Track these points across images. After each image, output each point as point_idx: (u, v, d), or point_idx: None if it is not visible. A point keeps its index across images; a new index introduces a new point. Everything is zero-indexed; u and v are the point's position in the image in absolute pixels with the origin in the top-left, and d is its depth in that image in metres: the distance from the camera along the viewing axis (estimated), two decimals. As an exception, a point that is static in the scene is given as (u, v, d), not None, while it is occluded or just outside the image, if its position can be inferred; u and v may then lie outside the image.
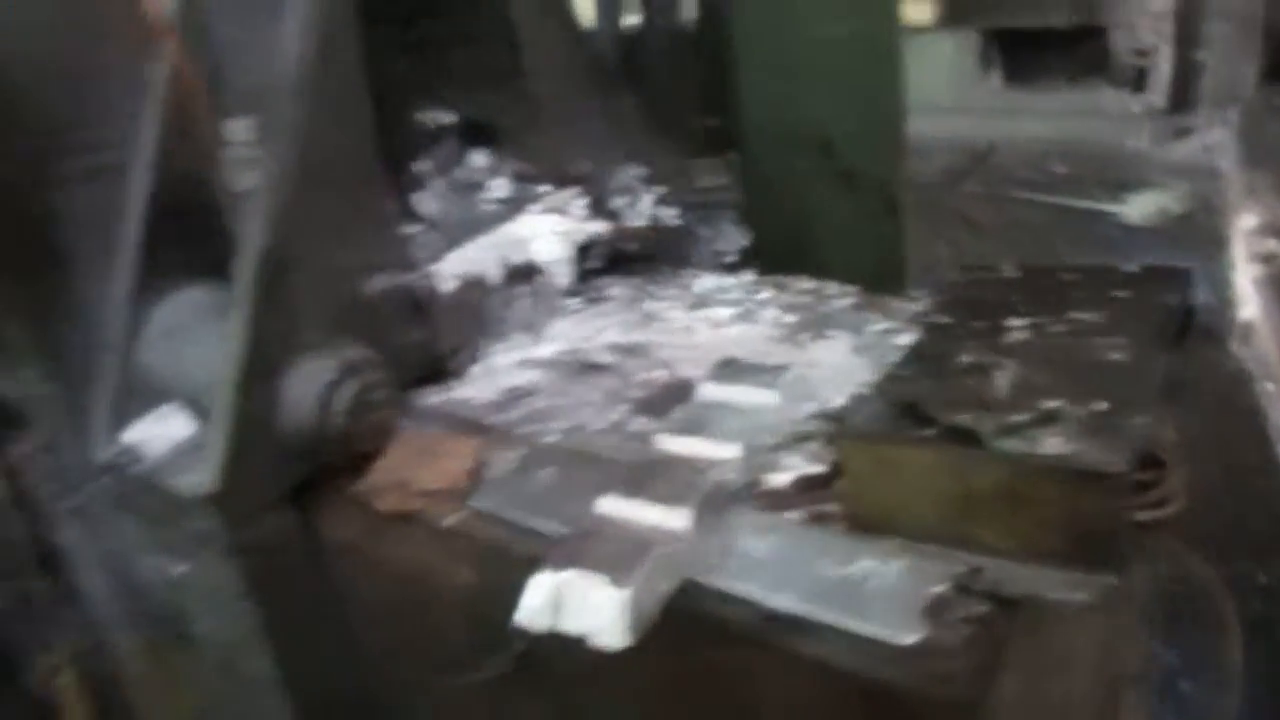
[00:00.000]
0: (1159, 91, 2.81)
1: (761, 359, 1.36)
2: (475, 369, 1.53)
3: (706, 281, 1.64)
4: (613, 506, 1.10)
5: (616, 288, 1.70)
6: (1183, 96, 2.88)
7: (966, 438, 1.02)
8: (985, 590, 1.00)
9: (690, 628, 1.08)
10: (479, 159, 1.65)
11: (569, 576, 1.01)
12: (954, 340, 1.19)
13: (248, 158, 1.27)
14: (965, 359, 1.13)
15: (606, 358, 1.53)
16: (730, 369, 1.34)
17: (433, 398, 1.46)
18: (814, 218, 1.87)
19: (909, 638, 0.95)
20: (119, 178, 1.32)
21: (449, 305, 1.44)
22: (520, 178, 1.61)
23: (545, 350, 1.56)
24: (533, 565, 1.21)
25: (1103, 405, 1.02)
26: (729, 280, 1.64)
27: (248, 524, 1.28)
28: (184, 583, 1.38)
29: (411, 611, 1.37)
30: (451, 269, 1.46)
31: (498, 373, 1.52)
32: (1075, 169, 3.04)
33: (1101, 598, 0.97)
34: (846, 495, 1.10)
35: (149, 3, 1.19)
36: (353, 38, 1.26)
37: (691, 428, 1.22)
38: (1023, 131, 3.43)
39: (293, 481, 1.31)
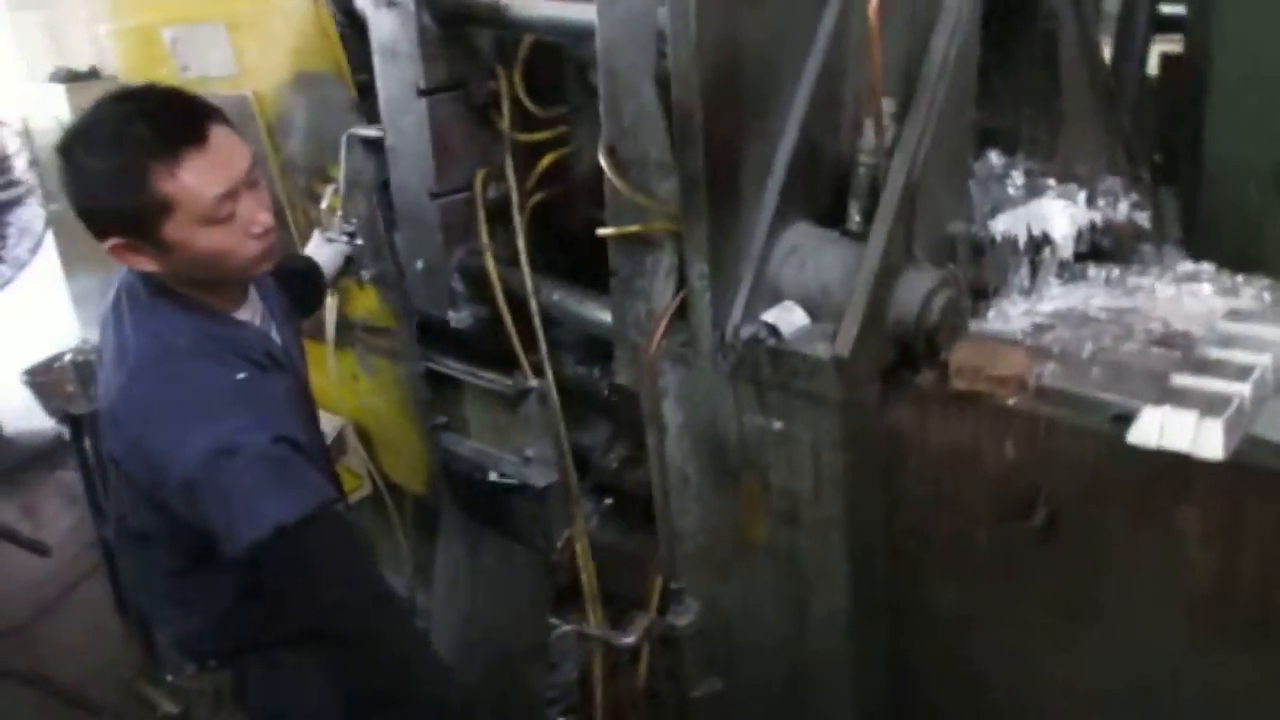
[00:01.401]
0: None
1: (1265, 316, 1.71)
2: (990, 314, 1.95)
3: (1185, 266, 2.01)
4: (1184, 380, 1.48)
5: (1093, 269, 2.09)
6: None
7: None
8: None
9: (1230, 477, 1.43)
10: (994, 157, 2.10)
11: (1169, 411, 1.40)
12: None
13: (887, 127, 1.76)
14: None
15: (1103, 315, 1.91)
16: (1239, 315, 1.70)
17: (971, 326, 1.89)
18: (1260, 241, 2.20)
19: None
20: (776, 137, 1.85)
21: (993, 255, 1.88)
22: (1030, 174, 2.05)
23: (1045, 307, 1.96)
24: (1070, 443, 1.62)
25: None
26: (1205, 266, 1.99)
27: (857, 388, 1.74)
28: (776, 438, 1.86)
29: (956, 476, 1.78)
30: (994, 228, 1.90)
31: (1010, 319, 1.94)
32: None
33: None
34: (1377, 392, 1.43)
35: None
36: (975, 47, 1.74)
37: (1224, 344, 1.59)
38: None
39: (887, 361, 1.78)
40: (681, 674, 2.22)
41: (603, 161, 2.03)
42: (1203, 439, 1.37)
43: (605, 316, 2.25)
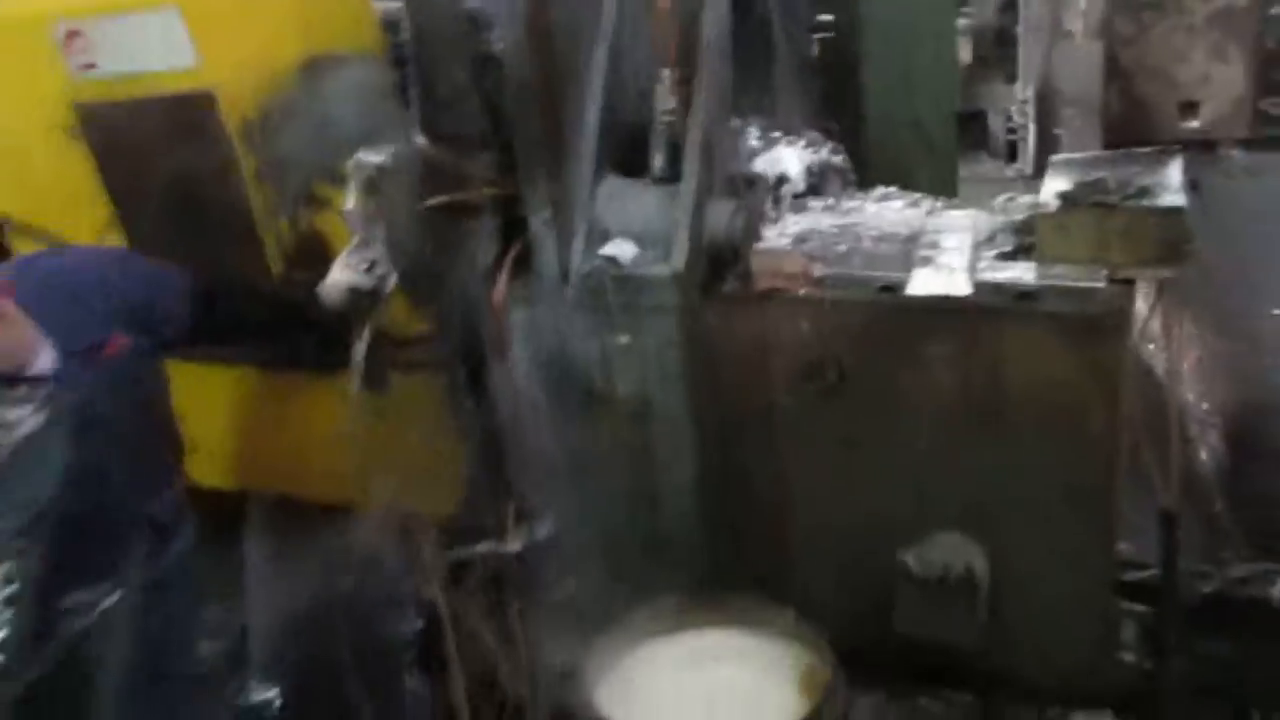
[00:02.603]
0: (1026, 161, 3.27)
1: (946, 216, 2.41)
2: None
3: (879, 190, 2.68)
4: (927, 254, 2.10)
5: (811, 201, 2.70)
6: (1044, 165, 3.60)
7: (1103, 206, 2.07)
8: (1119, 279, 2.04)
9: (969, 313, 2.07)
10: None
11: (929, 270, 2.00)
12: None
13: (669, 91, 2.22)
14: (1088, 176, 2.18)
15: (835, 230, 2.52)
16: (935, 216, 2.37)
17: (748, 245, 2.40)
18: (908, 171, 2.94)
19: (1099, 284, 1.98)
20: (584, 104, 2.25)
21: (756, 190, 2.42)
22: (762, 129, 2.62)
23: (791, 229, 2.53)
24: (850, 314, 2.19)
25: (1162, 189, 2.11)
26: (890, 189, 2.68)
27: (688, 297, 2.19)
28: (623, 351, 2.25)
29: (761, 358, 2.29)
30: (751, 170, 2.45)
31: (770, 239, 2.49)
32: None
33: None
34: (1039, 244, 2.13)
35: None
36: (729, 25, 2.27)
37: (938, 231, 2.24)
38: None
39: (702, 275, 2.24)
40: (535, 584, 2.53)
41: (420, 139, 2.31)
42: (955, 284, 1.99)
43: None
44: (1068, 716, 2.43)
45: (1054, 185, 2.20)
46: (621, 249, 2.23)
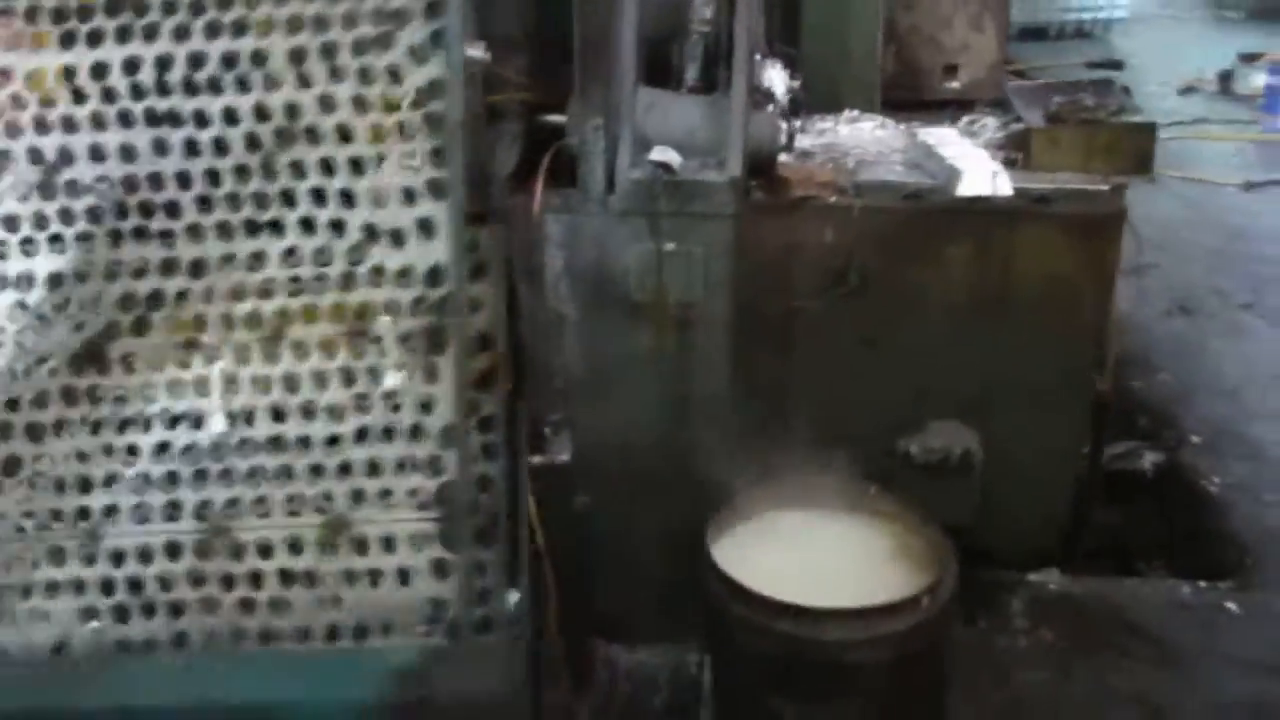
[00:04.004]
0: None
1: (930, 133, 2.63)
2: (752, 155, 2.60)
3: (848, 112, 2.86)
4: (956, 164, 2.30)
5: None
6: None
7: (1092, 122, 2.37)
8: (1113, 185, 2.35)
9: (989, 215, 2.31)
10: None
11: (975, 174, 2.20)
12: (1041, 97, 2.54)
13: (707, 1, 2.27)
14: (1064, 98, 2.48)
15: (819, 149, 2.68)
16: (920, 134, 2.59)
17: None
18: (840, 96, 3.15)
19: (1104, 186, 2.28)
20: (624, 15, 2.25)
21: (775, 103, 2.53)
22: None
23: (785, 147, 2.66)
24: (875, 220, 2.37)
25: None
26: (857, 112, 2.87)
27: (738, 201, 2.26)
28: (668, 258, 2.29)
29: (786, 264, 2.41)
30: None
31: (771, 155, 2.60)
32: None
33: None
34: (1032, 156, 2.40)
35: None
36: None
37: (939, 145, 2.45)
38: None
39: (748, 180, 2.32)
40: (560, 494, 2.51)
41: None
42: (999, 184, 2.21)
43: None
44: (1022, 578, 2.77)
45: (1024, 107, 2.50)
46: (669, 156, 2.26)
